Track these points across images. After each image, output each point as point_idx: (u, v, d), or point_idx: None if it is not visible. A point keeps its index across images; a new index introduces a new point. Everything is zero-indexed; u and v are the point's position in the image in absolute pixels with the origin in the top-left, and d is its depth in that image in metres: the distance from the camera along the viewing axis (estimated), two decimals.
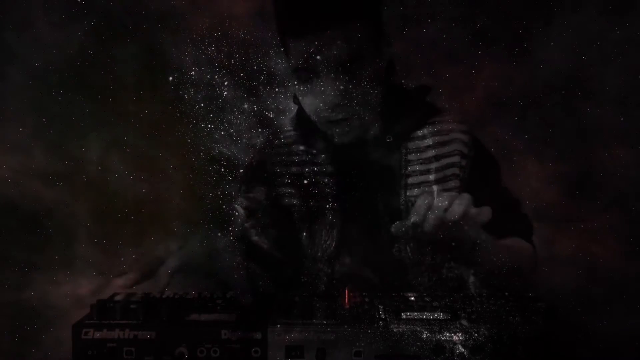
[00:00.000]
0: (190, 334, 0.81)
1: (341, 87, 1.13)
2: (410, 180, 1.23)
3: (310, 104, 1.18)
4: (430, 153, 1.24)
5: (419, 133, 1.26)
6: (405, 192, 1.23)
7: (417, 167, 1.23)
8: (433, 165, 1.24)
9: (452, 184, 1.24)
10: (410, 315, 0.84)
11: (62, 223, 1.39)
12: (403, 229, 1.01)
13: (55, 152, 1.46)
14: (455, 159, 1.25)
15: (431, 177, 1.23)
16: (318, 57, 1.10)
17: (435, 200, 1.01)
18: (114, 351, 0.81)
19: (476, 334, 0.81)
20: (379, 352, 0.81)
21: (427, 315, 0.84)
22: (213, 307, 0.86)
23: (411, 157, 1.24)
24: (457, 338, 0.81)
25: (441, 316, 0.84)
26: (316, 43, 1.09)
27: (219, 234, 1.22)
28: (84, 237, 1.38)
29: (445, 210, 1.00)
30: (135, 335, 0.81)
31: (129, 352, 0.81)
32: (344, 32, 1.09)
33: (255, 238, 1.13)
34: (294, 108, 1.35)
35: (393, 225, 1.02)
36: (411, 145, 1.25)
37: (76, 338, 0.81)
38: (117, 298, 0.88)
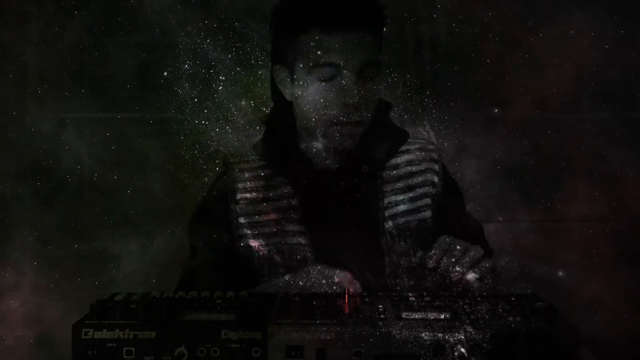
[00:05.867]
0: (190, 334, 0.86)
1: (360, 88, 1.20)
2: (387, 213, 1.29)
3: (321, 103, 1.22)
4: (404, 183, 1.32)
5: (393, 162, 1.33)
6: (384, 226, 1.28)
7: (394, 199, 1.30)
8: (407, 196, 1.31)
9: (425, 214, 1.31)
10: (410, 315, 0.90)
11: None
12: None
13: None
14: (428, 189, 1.33)
15: (403, 207, 1.30)
16: (348, 54, 1.18)
17: (454, 252, 1.10)
18: (114, 351, 0.86)
19: (476, 334, 0.86)
20: (379, 352, 0.85)
21: (427, 315, 0.90)
22: (213, 307, 0.91)
23: (386, 187, 1.31)
24: (457, 338, 0.86)
25: (441, 316, 0.90)
26: (350, 39, 1.18)
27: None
28: None
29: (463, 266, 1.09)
30: (135, 335, 0.86)
31: (129, 352, 0.86)
32: (373, 33, 1.22)
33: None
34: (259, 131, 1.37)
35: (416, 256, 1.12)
36: (386, 175, 1.32)
37: (76, 338, 0.86)
38: (117, 298, 0.93)
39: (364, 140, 1.28)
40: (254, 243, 1.27)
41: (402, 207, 1.30)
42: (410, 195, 1.31)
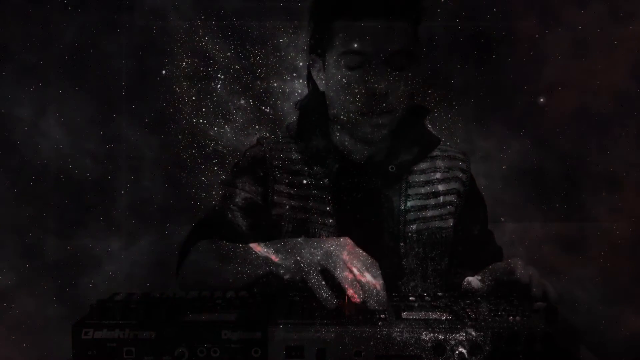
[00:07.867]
0: (190, 334, 0.88)
1: (388, 78, 1.20)
2: (408, 217, 1.30)
3: (348, 92, 1.22)
4: (429, 189, 1.33)
5: (421, 166, 1.34)
6: (404, 228, 1.29)
7: (417, 203, 1.31)
8: (430, 202, 1.32)
9: (446, 223, 1.33)
10: (410, 315, 0.92)
11: None
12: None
13: None
14: (453, 197, 1.34)
15: (425, 213, 1.31)
16: (376, 42, 1.18)
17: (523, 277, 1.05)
18: (114, 351, 0.87)
19: (477, 335, 0.88)
20: (379, 352, 0.87)
21: (427, 315, 0.92)
22: (213, 307, 0.93)
23: (410, 191, 1.31)
24: (457, 339, 0.89)
25: (441, 316, 0.92)
26: (379, 27, 1.18)
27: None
28: None
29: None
30: (135, 335, 0.88)
31: (129, 352, 0.87)
32: (405, 21, 1.20)
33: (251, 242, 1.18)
34: (293, 112, 1.39)
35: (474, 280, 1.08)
36: (412, 178, 1.33)
37: (76, 338, 0.88)
38: (117, 298, 0.95)
39: (394, 140, 1.30)
40: (283, 212, 1.28)
41: (424, 213, 1.31)
42: (434, 202, 1.32)
